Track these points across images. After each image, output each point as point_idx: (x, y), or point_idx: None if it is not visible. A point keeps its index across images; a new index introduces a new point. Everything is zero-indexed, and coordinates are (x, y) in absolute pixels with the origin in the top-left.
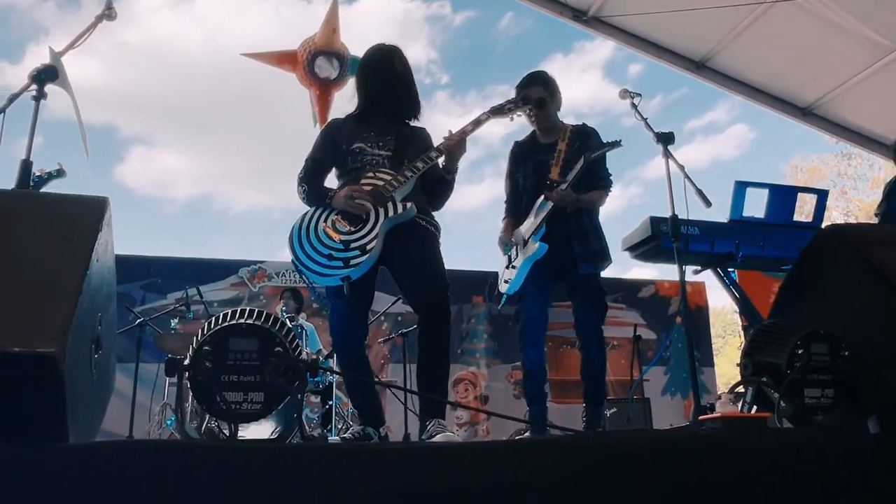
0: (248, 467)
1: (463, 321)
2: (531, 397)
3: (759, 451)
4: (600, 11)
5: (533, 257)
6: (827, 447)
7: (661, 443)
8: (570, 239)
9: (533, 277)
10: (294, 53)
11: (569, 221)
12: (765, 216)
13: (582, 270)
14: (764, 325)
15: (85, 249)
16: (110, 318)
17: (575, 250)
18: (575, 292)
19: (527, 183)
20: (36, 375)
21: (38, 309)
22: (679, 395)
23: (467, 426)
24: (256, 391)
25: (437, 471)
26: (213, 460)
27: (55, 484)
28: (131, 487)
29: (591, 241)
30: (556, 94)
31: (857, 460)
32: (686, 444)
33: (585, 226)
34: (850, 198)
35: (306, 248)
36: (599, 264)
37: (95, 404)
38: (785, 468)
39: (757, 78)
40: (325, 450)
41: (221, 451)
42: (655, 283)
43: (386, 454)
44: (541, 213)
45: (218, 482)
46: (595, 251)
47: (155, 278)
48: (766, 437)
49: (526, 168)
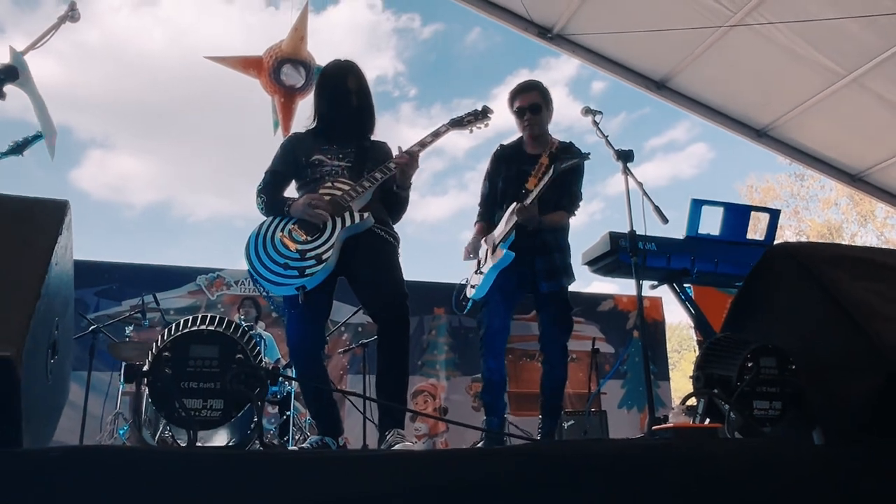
0: (207, 474)
1: (423, 332)
2: (489, 407)
3: (710, 461)
4: (565, 30)
5: (499, 265)
6: (774, 456)
7: (616, 452)
8: (533, 254)
9: (498, 286)
10: (259, 59)
11: (534, 236)
12: (720, 234)
13: (542, 289)
14: (715, 339)
15: (44, 253)
16: (67, 323)
17: (537, 266)
18: (542, 308)
19: (507, 188)
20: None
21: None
22: (636, 409)
23: (426, 438)
24: (216, 398)
25: (396, 478)
26: (171, 466)
27: (8, 490)
28: (87, 494)
29: (555, 258)
30: (550, 104)
31: (803, 469)
32: (640, 454)
33: (550, 243)
34: (802, 217)
35: (262, 258)
36: (559, 281)
37: (50, 410)
38: (735, 477)
39: (715, 99)
40: (285, 457)
41: (180, 457)
42: (614, 297)
43: (345, 462)
44: (511, 222)
45: (176, 489)
46: (557, 268)
47: (110, 284)
48: (717, 447)
49: (508, 174)
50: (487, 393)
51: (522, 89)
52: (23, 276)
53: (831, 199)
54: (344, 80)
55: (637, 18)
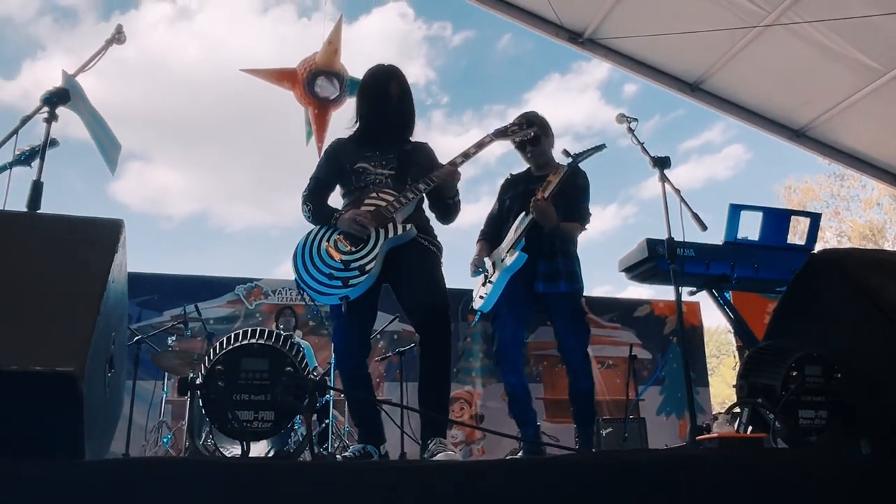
0: (261, 483)
1: (459, 339)
2: (520, 419)
3: (756, 471)
4: (596, 34)
5: (512, 267)
6: (821, 467)
7: (659, 462)
8: (537, 258)
9: (506, 298)
10: (293, 71)
11: (541, 241)
12: (759, 239)
13: (538, 289)
14: (759, 348)
15: (102, 271)
16: (122, 338)
17: (539, 268)
18: (553, 316)
19: (513, 205)
20: (56, 393)
21: (58, 329)
22: (674, 415)
23: (462, 445)
24: (267, 410)
25: (441, 488)
26: (225, 477)
27: (73, 499)
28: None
29: (558, 261)
30: (548, 131)
31: (850, 480)
32: (684, 464)
33: (556, 247)
34: (842, 218)
35: (309, 267)
36: (557, 284)
37: (108, 422)
38: (780, 488)
39: (750, 100)
40: (335, 467)
41: (235, 467)
42: (651, 302)
43: (393, 472)
44: (521, 228)
45: (232, 498)
46: (559, 272)
47: (151, 295)
48: (762, 457)
49: (515, 192)
50: (515, 406)
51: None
52: (83, 294)
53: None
54: (386, 84)
55: (669, 21)
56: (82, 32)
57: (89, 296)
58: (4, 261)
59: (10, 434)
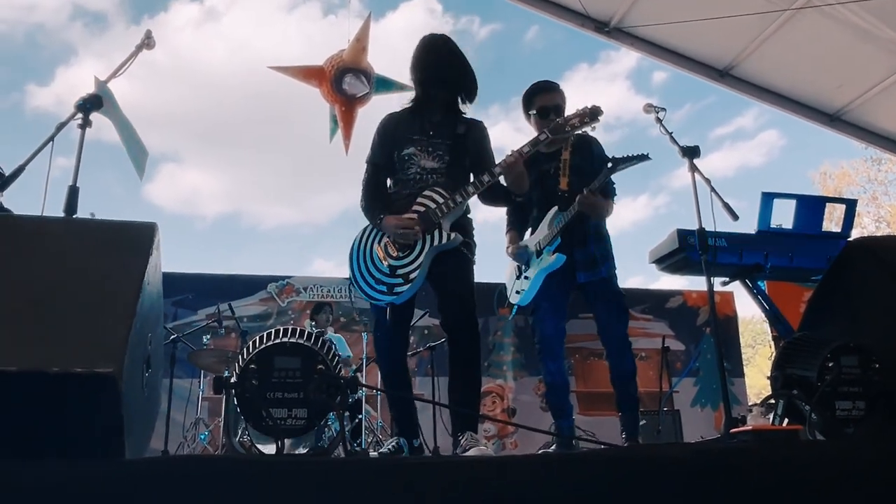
0: (296, 480)
1: (489, 333)
2: (556, 410)
3: (792, 464)
4: (622, 23)
5: (549, 268)
6: (859, 459)
7: (694, 456)
8: (572, 247)
9: (544, 291)
10: (320, 69)
11: (573, 231)
12: (793, 227)
13: (580, 279)
14: (794, 339)
15: (137, 274)
16: (158, 338)
17: (576, 257)
18: (594, 301)
19: (531, 194)
20: (96, 394)
21: (96, 331)
22: (709, 407)
23: (495, 439)
24: (300, 407)
25: (475, 484)
26: (263, 473)
27: (115, 498)
28: (189, 501)
29: (591, 247)
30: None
31: (890, 472)
32: (719, 457)
33: (589, 232)
34: (880, 203)
35: (361, 267)
36: (598, 271)
37: (147, 420)
38: (818, 481)
39: (783, 85)
40: (368, 464)
41: (272, 465)
42: (683, 293)
43: (427, 468)
44: (555, 226)
45: (270, 494)
46: (595, 258)
47: (185, 294)
48: (799, 450)
49: (530, 178)
50: (552, 396)
51: (544, 89)
52: (119, 297)
53: None
54: (446, 44)
55: (696, 7)
56: (112, 37)
57: (126, 298)
58: (43, 266)
59: (52, 434)
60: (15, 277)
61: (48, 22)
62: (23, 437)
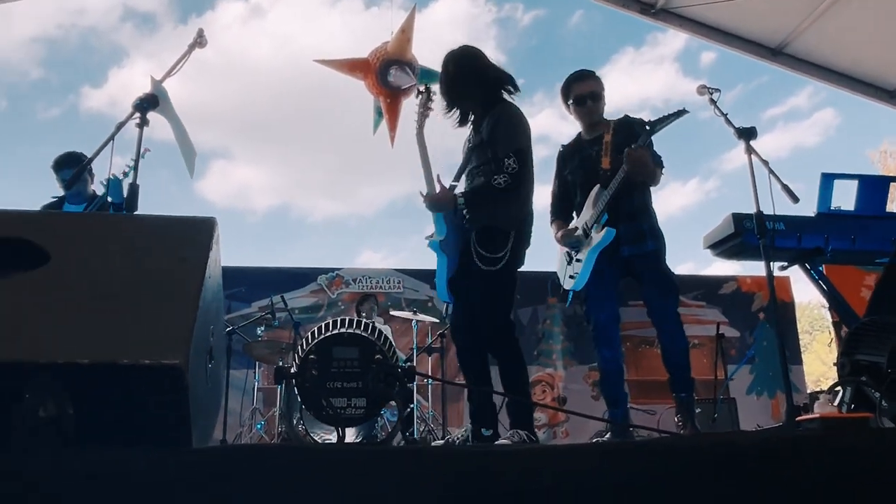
0: (356, 469)
1: (538, 322)
2: (611, 398)
3: (863, 454)
4: (669, 3)
5: (599, 245)
6: None
7: (759, 445)
8: (618, 222)
9: (595, 279)
10: (365, 61)
11: (618, 206)
12: (855, 208)
13: (623, 253)
14: (862, 323)
15: (199, 267)
16: (219, 330)
17: (621, 232)
18: (642, 278)
19: (575, 179)
20: (163, 385)
21: (162, 324)
22: (766, 395)
23: (546, 428)
24: (359, 397)
25: (536, 471)
26: (327, 462)
27: (184, 485)
28: (255, 489)
29: (639, 221)
30: (604, 90)
31: None
32: (785, 446)
33: (635, 206)
34: None
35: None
36: (644, 245)
37: (210, 411)
38: (890, 470)
39: (839, 62)
40: (422, 452)
41: (334, 453)
42: (737, 279)
43: (477, 458)
44: (599, 203)
45: (330, 483)
46: (642, 231)
47: (239, 287)
48: (869, 439)
49: (573, 165)
50: (606, 383)
51: (578, 78)
52: (183, 290)
53: None
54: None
55: None
56: (162, 37)
57: (189, 291)
58: (110, 261)
59: (123, 424)
60: (88, 273)
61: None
62: (94, 427)
